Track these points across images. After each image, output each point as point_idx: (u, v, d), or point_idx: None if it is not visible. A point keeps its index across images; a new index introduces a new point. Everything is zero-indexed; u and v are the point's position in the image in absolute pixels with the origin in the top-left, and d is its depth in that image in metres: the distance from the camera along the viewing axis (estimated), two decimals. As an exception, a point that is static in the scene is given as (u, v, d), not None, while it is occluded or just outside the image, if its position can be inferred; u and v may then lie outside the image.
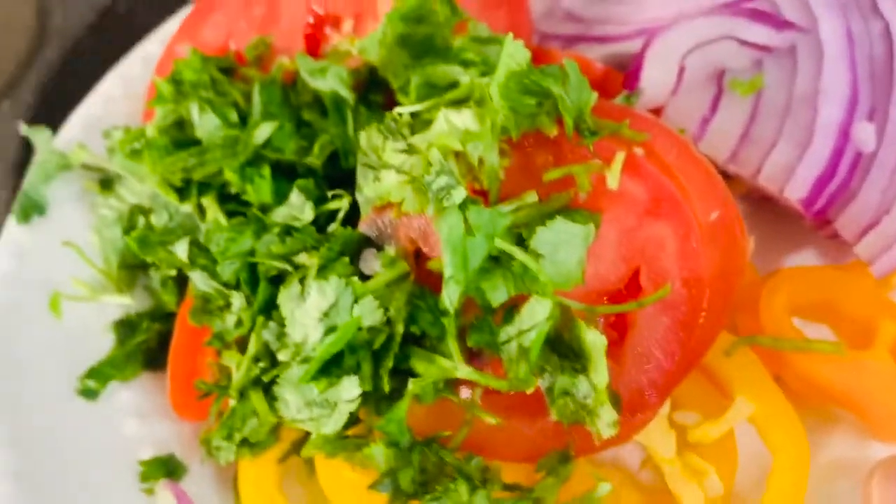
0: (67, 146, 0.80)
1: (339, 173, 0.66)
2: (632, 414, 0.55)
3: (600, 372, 0.53)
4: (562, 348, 0.55)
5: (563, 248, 0.54)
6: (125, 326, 0.73)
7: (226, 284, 0.63)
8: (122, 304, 0.75)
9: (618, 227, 0.56)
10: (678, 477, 0.58)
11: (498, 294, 0.54)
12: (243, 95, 0.70)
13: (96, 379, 0.70)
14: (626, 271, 0.57)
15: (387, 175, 0.58)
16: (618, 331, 0.57)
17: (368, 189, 0.59)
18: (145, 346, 0.72)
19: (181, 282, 0.74)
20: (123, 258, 0.76)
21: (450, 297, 0.55)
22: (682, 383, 0.58)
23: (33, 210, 0.79)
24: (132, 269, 0.76)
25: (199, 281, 0.64)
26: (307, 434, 0.63)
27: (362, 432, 0.59)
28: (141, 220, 0.75)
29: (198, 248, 0.64)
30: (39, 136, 0.80)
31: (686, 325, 0.56)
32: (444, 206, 0.54)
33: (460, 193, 0.54)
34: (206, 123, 0.68)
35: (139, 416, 0.68)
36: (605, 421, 0.53)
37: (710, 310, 0.57)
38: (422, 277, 0.59)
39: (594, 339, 0.53)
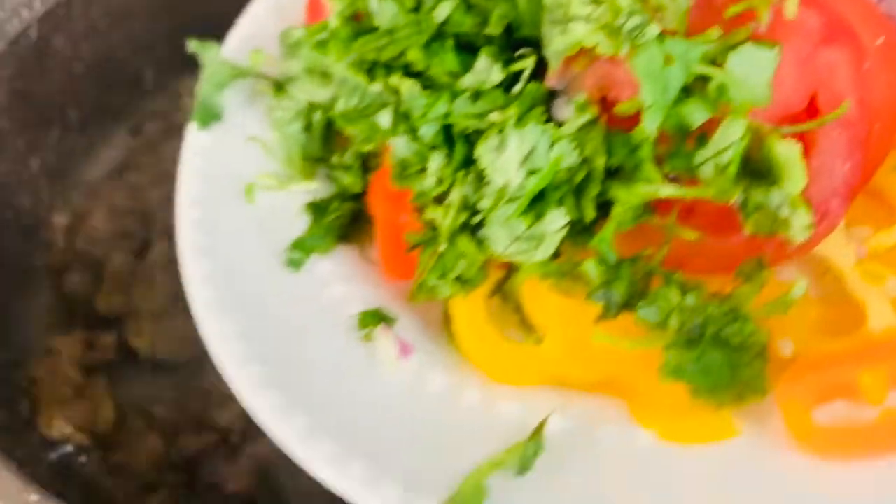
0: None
1: (513, 44, 0.73)
2: (818, 222, 0.61)
3: (796, 178, 0.58)
4: (752, 167, 0.61)
5: (752, 71, 0.59)
6: (317, 208, 0.80)
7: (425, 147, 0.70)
8: (309, 190, 0.82)
9: (794, 55, 0.62)
10: (860, 283, 0.64)
11: (697, 116, 0.60)
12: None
13: (300, 250, 0.77)
14: (803, 97, 0.63)
15: (576, 26, 0.64)
16: (800, 150, 0.63)
17: (558, 42, 0.65)
18: (338, 222, 0.79)
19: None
20: (304, 151, 0.84)
21: (650, 124, 0.61)
22: (853, 203, 0.64)
23: (211, 117, 0.87)
24: (312, 161, 0.84)
25: (399, 147, 0.71)
26: (509, 273, 0.70)
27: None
28: (316, 115, 0.83)
29: (399, 116, 0.71)
30: (207, 51, 0.88)
31: (862, 140, 0.62)
32: (639, 42, 0.61)
33: (654, 29, 0.60)
34: (385, 10, 0.74)
35: (343, 280, 0.75)
36: (800, 224, 0.59)
37: (882, 126, 0.63)
38: (610, 122, 0.66)
39: (788, 149, 0.58)
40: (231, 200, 0.81)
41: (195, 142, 0.85)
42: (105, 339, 1.05)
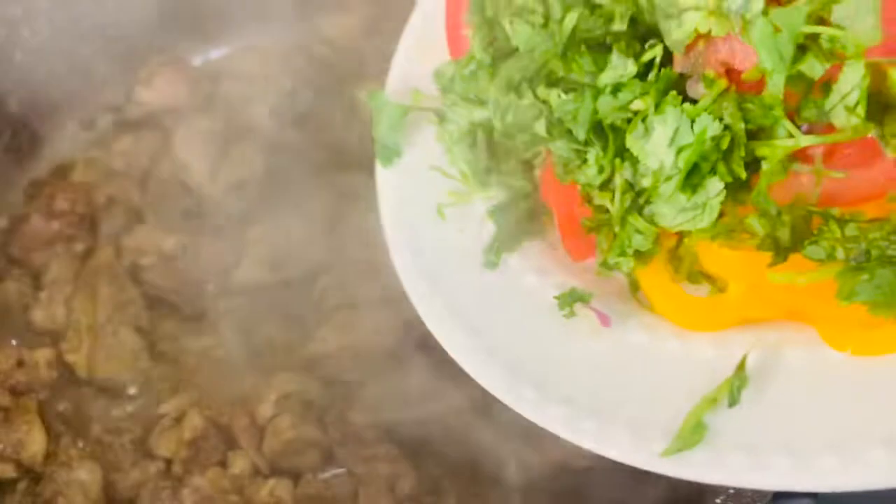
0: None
1: (638, 36, 0.81)
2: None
3: (925, 102, 0.65)
4: (880, 100, 0.68)
5: (858, 16, 0.65)
6: (499, 212, 0.92)
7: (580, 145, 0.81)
8: (489, 197, 0.94)
9: (897, -10, 0.67)
10: None
11: (816, 70, 0.67)
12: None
13: (494, 253, 0.90)
14: (913, 28, 0.68)
15: (688, 16, 0.72)
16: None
17: (676, 33, 0.73)
18: (520, 220, 0.91)
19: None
20: (474, 166, 0.96)
21: (774, 87, 0.68)
22: None
23: (392, 155, 1.01)
24: (484, 173, 0.96)
25: (558, 148, 0.81)
26: (681, 238, 0.80)
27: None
28: (479, 133, 0.95)
29: (552, 122, 0.81)
30: (376, 98, 1.01)
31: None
32: (748, 18, 0.68)
33: (759, 4, 0.67)
34: (520, 32, 0.84)
35: (534, 272, 0.87)
36: (939, 143, 0.65)
37: None
38: (739, 89, 0.73)
39: (910, 78, 0.65)
40: (427, 220, 0.94)
41: (385, 178, 0.99)
42: (38, 355, 0.98)
